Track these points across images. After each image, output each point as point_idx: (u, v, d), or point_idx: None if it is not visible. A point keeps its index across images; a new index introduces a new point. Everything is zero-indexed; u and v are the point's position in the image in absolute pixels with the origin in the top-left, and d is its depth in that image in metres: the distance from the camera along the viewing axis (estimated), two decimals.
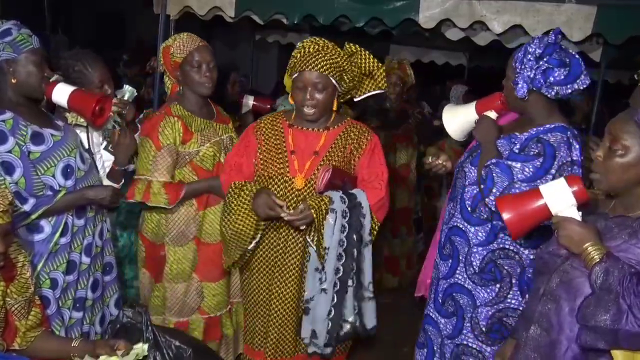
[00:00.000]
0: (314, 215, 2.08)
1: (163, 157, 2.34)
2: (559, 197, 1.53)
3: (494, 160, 1.93)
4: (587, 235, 1.45)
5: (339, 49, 2.14)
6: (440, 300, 2.15)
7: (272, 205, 2.08)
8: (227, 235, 2.23)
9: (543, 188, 1.57)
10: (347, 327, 2.20)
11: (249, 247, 2.22)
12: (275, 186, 2.18)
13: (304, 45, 2.12)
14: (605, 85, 4.88)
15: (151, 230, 2.48)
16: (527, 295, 1.95)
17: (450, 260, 2.12)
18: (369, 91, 2.27)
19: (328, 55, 2.08)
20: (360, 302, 2.20)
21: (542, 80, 1.88)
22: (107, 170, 2.43)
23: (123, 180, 2.42)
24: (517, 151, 1.95)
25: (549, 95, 1.91)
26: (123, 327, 1.94)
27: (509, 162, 1.91)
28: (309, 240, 2.17)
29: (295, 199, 2.17)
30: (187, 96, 2.46)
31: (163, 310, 2.54)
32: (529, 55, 1.89)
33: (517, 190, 1.84)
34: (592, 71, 4.61)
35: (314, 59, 2.07)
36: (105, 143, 2.46)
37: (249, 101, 3.58)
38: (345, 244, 2.12)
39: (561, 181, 1.55)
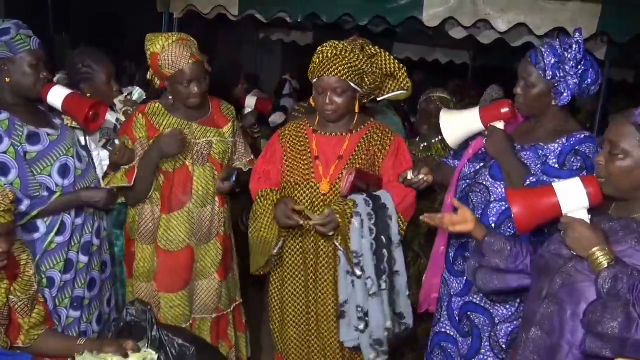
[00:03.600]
0: (340, 220, 2.07)
1: (136, 148, 2.33)
2: (573, 197, 1.50)
3: (533, 180, 1.84)
4: (596, 240, 1.42)
5: (358, 52, 2.12)
6: (457, 319, 2.10)
7: (290, 215, 2.09)
8: (252, 241, 2.25)
9: (557, 186, 1.53)
10: (385, 334, 2.13)
11: (273, 253, 2.22)
12: (302, 192, 2.18)
13: (323, 50, 2.11)
14: (610, 84, 4.86)
15: (129, 224, 2.46)
16: None
17: (464, 278, 2.05)
18: (391, 91, 2.27)
19: (346, 60, 2.08)
20: (397, 307, 2.17)
21: (582, 85, 1.85)
22: (104, 169, 2.42)
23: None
24: (556, 165, 1.87)
25: (583, 97, 1.88)
26: (127, 325, 1.94)
27: (557, 180, 1.79)
28: (337, 244, 2.14)
29: (321, 204, 2.16)
30: (173, 99, 2.41)
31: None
32: (570, 62, 1.83)
33: None
34: None
35: (331, 64, 2.07)
36: (103, 141, 2.46)
37: (252, 102, 3.57)
38: (375, 247, 2.09)
39: (577, 181, 1.51)
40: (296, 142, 2.25)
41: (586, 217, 1.49)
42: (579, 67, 1.84)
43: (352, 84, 2.11)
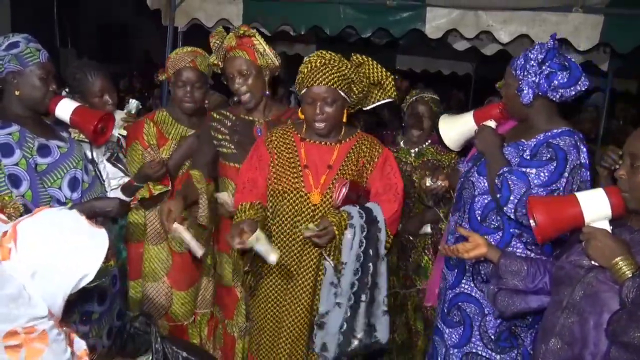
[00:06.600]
0: (336, 232, 2.04)
1: (150, 154, 2.42)
2: (596, 207, 1.50)
3: (506, 169, 1.92)
4: (619, 250, 1.41)
5: (345, 61, 2.13)
6: (445, 310, 2.13)
7: (233, 235, 1.96)
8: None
9: (580, 196, 1.54)
10: (355, 343, 2.15)
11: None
12: (291, 201, 2.15)
13: (310, 60, 2.11)
14: (613, 95, 4.86)
15: (128, 227, 2.54)
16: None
17: (456, 270, 2.10)
18: (378, 100, 2.27)
19: (335, 69, 2.08)
20: (372, 318, 2.16)
21: (546, 85, 1.91)
22: (111, 182, 2.42)
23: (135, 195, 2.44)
24: (528, 157, 1.94)
25: (554, 99, 1.93)
26: (131, 337, 1.93)
27: (524, 169, 1.90)
28: (325, 255, 2.13)
29: (311, 214, 2.13)
30: (175, 105, 2.55)
31: (141, 307, 2.58)
32: (531, 62, 1.91)
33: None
34: (600, 80, 4.62)
35: (321, 73, 2.07)
36: (108, 154, 2.46)
37: None
38: (362, 259, 2.09)
39: (600, 191, 1.51)
40: (284, 149, 2.21)
41: (607, 227, 1.49)
42: (543, 67, 1.90)
43: (342, 93, 2.11)
